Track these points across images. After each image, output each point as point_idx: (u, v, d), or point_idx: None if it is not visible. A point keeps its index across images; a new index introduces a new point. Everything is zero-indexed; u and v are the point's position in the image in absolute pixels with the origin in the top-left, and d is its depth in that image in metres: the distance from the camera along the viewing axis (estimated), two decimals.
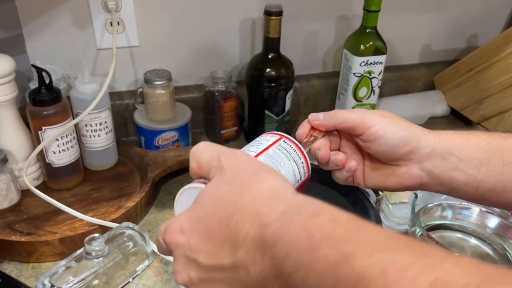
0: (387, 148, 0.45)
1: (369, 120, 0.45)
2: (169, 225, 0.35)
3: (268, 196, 0.32)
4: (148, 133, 0.79)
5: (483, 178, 0.43)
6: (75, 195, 0.71)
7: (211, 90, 0.84)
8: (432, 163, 0.45)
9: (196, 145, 0.38)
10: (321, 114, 0.48)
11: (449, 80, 1.00)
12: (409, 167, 0.46)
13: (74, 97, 0.71)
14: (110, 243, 0.59)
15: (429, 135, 0.45)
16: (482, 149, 0.44)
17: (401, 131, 0.45)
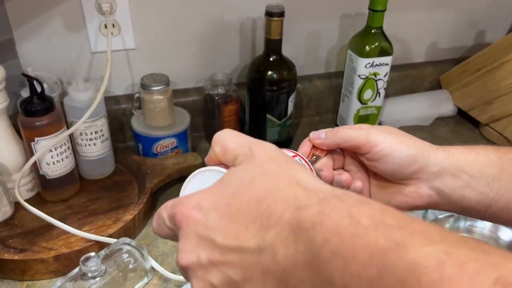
0: (394, 167, 0.42)
1: (374, 138, 0.43)
2: (181, 200, 0.31)
3: (304, 185, 0.29)
4: (146, 140, 0.76)
5: (496, 196, 0.41)
6: (71, 207, 0.69)
7: (210, 93, 0.81)
8: (442, 181, 0.42)
9: (220, 131, 0.35)
10: (323, 132, 0.46)
11: (457, 79, 0.96)
12: (417, 186, 0.43)
13: (68, 106, 0.68)
14: (107, 260, 0.57)
15: (437, 152, 0.43)
16: (493, 165, 0.42)
17: (408, 149, 0.42)
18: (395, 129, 0.45)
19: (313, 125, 0.96)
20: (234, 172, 0.32)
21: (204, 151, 0.86)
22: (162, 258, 0.63)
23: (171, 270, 0.61)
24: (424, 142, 0.44)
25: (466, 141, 0.91)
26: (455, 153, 0.42)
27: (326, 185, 0.30)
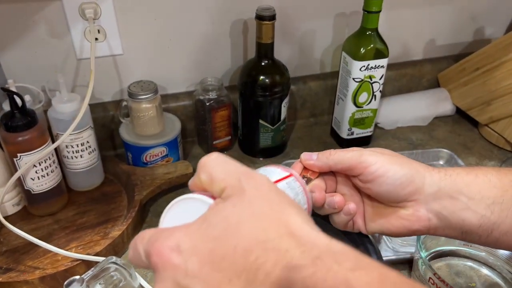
0: (389, 188, 0.41)
1: (366, 159, 0.41)
2: (159, 237, 0.29)
3: (297, 235, 0.27)
4: (135, 149, 0.74)
5: (498, 220, 0.39)
6: (58, 221, 0.67)
7: (201, 99, 0.79)
8: (440, 203, 0.40)
9: (208, 155, 0.33)
10: (315, 154, 0.44)
11: (455, 78, 0.94)
12: (415, 209, 0.41)
13: (52, 118, 0.66)
14: (94, 280, 0.55)
15: (433, 172, 0.41)
16: (493, 186, 0.40)
17: (403, 169, 0.41)
18: (388, 150, 0.43)
19: (308, 127, 0.94)
20: (219, 210, 0.29)
21: (197, 157, 0.84)
22: (152, 275, 0.61)
23: None
24: (418, 163, 0.42)
25: (465, 142, 0.89)
26: (452, 174, 0.41)
27: (320, 236, 0.28)
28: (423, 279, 0.51)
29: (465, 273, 0.58)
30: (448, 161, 0.81)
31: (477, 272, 0.57)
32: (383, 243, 0.65)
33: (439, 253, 0.59)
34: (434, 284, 0.49)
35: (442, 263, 0.59)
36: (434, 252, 0.59)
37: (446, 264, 0.58)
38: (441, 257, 0.59)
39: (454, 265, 0.58)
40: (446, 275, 0.57)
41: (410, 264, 0.62)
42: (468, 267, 0.58)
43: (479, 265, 0.58)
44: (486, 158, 0.85)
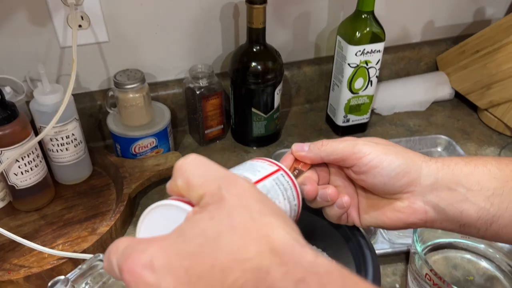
0: (384, 179, 0.39)
1: (360, 149, 0.39)
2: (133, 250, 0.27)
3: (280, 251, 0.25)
4: (123, 141, 0.72)
5: (497, 212, 0.37)
6: (45, 216, 0.65)
7: (191, 87, 0.76)
8: (437, 195, 0.39)
9: (185, 157, 0.30)
10: (306, 145, 0.42)
11: (454, 61, 0.91)
12: (410, 201, 0.39)
13: (34, 110, 0.63)
14: (82, 278, 0.53)
15: (430, 163, 0.39)
16: (493, 177, 0.38)
17: (398, 159, 0.39)
18: (383, 140, 0.41)
19: (303, 114, 0.91)
20: (197, 221, 0.27)
21: (189, 148, 0.82)
22: None
23: None
24: (415, 153, 0.40)
25: (464, 128, 0.86)
26: (450, 165, 0.39)
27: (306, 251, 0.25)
28: (419, 273, 0.50)
29: (462, 266, 0.56)
30: (446, 148, 0.79)
31: (475, 265, 0.56)
32: (379, 235, 0.63)
33: (436, 246, 0.57)
34: (430, 280, 0.47)
35: (439, 256, 0.57)
36: (431, 244, 0.57)
37: (444, 257, 0.57)
38: (438, 249, 0.57)
39: (452, 257, 0.57)
40: (443, 268, 0.56)
41: (407, 256, 0.60)
42: (466, 260, 0.56)
43: (477, 258, 0.56)
44: (485, 144, 0.82)
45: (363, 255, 0.43)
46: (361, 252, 0.44)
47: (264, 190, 0.37)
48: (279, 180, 0.39)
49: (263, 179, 0.38)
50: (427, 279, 0.48)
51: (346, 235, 0.47)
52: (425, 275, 0.48)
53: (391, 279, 0.58)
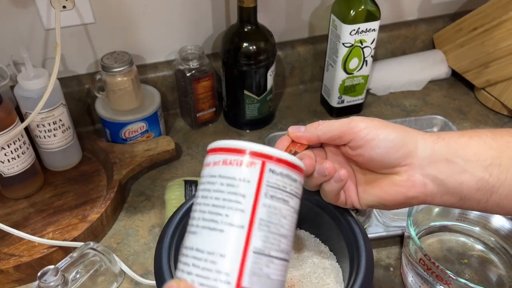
0: (381, 151, 0.39)
1: (357, 124, 0.39)
2: None
3: None
4: (112, 125, 0.70)
5: (497, 182, 0.37)
6: (34, 204, 0.64)
7: (181, 69, 0.74)
8: (435, 167, 0.38)
9: None
10: (302, 126, 0.42)
11: (451, 39, 0.89)
12: (409, 174, 0.39)
13: (19, 96, 0.61)
14: (72, 267, 0.53)
15: (425, 136, 0.39)
16: (489, 147, 0.38)
17: (394, 131, 0.39)
18: (378, 118, 0.41)
19: (297, 95, 0.89)
20: None
21: (180, 131, 0.80)
22: (134, 258, 0.59)
23: (143, 272, 0.57)
24: (410, 128, 0.40)
25: (460, 107, 0.85)
26: (445, 137, 0.39)
27: None
28: (413, 257, 0.49)
29: (457, 249, 0.55)
30: (442, 128, 0.78)
31: (470, 248, 0.55)
32: (373, 218, 0.62)
33: (431, 229, 0.57)
34: (424, 265, 0.47)
35: (433, 239, 0.56)
36: (426, 228, 0.56)
37: (438, 240, 0.56)
38: (433, 232, 0.57)
39: (446, 240, 0.56)
40: (438, 251, 0.55)
41: (401, 239, 0.60)
42: (461, 243, 0.56)
43: (472, 241, 0.56)
44: (482, 124, 0.81)
45: (356, 241, 0.42)
46: (354, 238, 0.43)
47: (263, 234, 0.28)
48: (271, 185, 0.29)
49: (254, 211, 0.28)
50: (421, 264, 0.47)
51: (338, 220, 0.46)
52: (419, 260, 0.48)
53: (385, 262, 0.57)
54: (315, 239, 0.50)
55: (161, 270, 0.41)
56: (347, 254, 0.43)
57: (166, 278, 0.40)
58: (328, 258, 0.47)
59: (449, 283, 0.45)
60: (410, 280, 0.51)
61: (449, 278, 0.44)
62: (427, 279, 0.48)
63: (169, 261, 0.42)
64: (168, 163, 0.73)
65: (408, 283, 0.52)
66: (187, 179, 0.65)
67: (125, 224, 0.64)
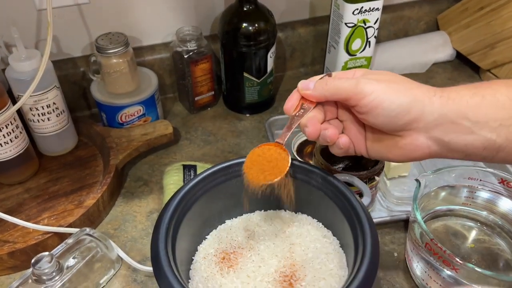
0: (384, 120, 0.39)
1: (362, 89, 0.38)
2: None
3: None
4: (108, 109, 0.68)
5: (504, 142, 0.36)
6: (29, 190, 0.63)
7: (178, 51, 0.72)
8: (441, 130, 0.38)
9: None
10: (312, 81, 0.42)
11: (456, 20, 0.86)
12: (413, 138, 0.39)
13: (10, 78, 0.59)
14: (68, 254, 0.51)
15: (434, 98, 0.38)
16: (501, 107, 0.36)
17: (399, 98, 0.38)
18: (389, 74, 0.40)
19: (298, 78, 0.86)
20: None
21: (178, 115, 0.78)
22: (131, 244, 0.58)
23: (141, 258, 0.56)
24: (419, 87, 0.39)
25: None
26: (456, 98, 0.37)
27: None
28: (419, 242, 0.48)
29: (463, 233, 0.54)
30: None
31: (476, 233, 0.54)
32: (376, 203, 0.61)
33: (436, 213, 0.55)
34: (431, 249, 0.45)
35: (439, 224, 0.55)
36: (431, 212, 0.55)
37: (443, 225, 0.55)
38: (438, 217, 0.55)
39: (452, 225, 0.55)
40: (443, 236, 0.54)
41: (405, 224, 0.58)
42: (467, 228, 0.54)
43: (478, 225, 0.54)
44: None
45: (361, 225, 0.41)
46: (359, 223, 0.41)
47: None
48: None
49: None
50: (428, 249, 0.46)
51: (342, 204, 0.44)
52: (425, 245, 0.46)
53: (389, 247, 0.56)
54: (317, 223, 0.48)
55: (158, 256, 0.39)
56: (352, 239, 0.42)
57: (163, 264, 0.38)
58: (331, 243, 0.46)
59: (457, 268, 0.44)
60: (415, 266, 0.50)
61: (457, 263, 0.43)
62: (433, 264, 0.46)
63: (166, 246, 0.40)
64: (166, 148, 0.71)
65: (413, 268, 0.51)
66: (185, 164, 0.63)
67: (122, 209, 0.62)
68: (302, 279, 0.42)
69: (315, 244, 0.46)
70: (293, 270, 0.43)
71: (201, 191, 0.47)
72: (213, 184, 0.48)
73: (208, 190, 0.47)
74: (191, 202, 0.46)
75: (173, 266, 0.38)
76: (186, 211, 0.45)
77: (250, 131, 0.75)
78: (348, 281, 0.36)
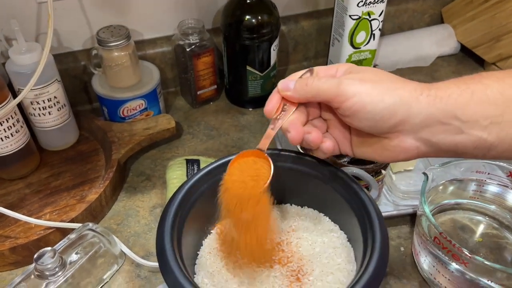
0: (368, 123, 0.37)
1: (344, 91, 0.37)
2: None
3: None
4: (110, 103, 0.68)
5: (495, 141, 0.35)
6: (30, 185, 0.62)
7: (180, 44, 0.71)
8: (429, 131, 0.36)
9: None
10: (292, 82, 0.40)
11: (461, 12, 0.85)
12: (400, 139, 0.37)
13: (11, 71, 0.58)
14: (70, 249, 0.51)
15: (421, 98, 0.36)
16: (492, 103, 0.35)
17: (383, 101, 0.36)
18: (374, 71, 0.39)
19: None
20: None
21: (181, 109, 0.78)
22: (134, 239, 0.57)
23: (144, 254, 0.55)
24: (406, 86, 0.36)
25: None
26: (443, 97, 0.35)
27: None
28: (427, 236, 0.47)
29: (470, 227, 0.53)
30: None
31: (484, 227, 0.53)
32: (382, 197, 0.60)
33: (443, 207, 0.55)
34: (440, 243, 0.45)
35: (446, 217, 0.54)
36: (439, 206, 0.54)
37: (450, 218, 0.54)
38: (445, 210, 0.55)
39: (459, 219, 0.54)
40: (450, 230, 0.53)
41: (412, 218, 0.57)
42: (475, 221, 0.54)
43: (486, 219, 0.54)
44: None
45: (370, 219, 0.40)
46: (368, 217, 0.41)
47: None
48: None
49: None
50: (436, 243, 0.45)
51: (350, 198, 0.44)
52: (433, 239, 0.46)
53: (395, 242, 0.55)
54: (324, 217, 0.48)
55: (164, 250, 0.39)
56: (360, 233, 0.41)
57: (169, 258, 0.38)
58: (338, 237, 0.45)
59: (465, 262, 0.43)
60: (423, 260, 0.49)
61: (466, 256, 0.42)
62: (441, 258, 0.46)
63: (172, 241, 0.39)
64: (169, 142, 0.71)
65: (420, 263, 0.50)
66: (188, 158, 0.62)
67: (125, 204, 0.61)
68: (309, 273, 0.42)
69: (322, 238, 0.45)
70: (300, 265, 0.43)
71: (206, 185, 0.46)
72: (218, 178, 0.47)
73: (213, 184, 0.46)
74: (196, 196, 0.45)
75: (179, 261, 0.38)
76: (191, 205, 0.44)
77: (253, 125, 0.74)
78: (358, 275, 0.36)
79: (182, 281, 0.36)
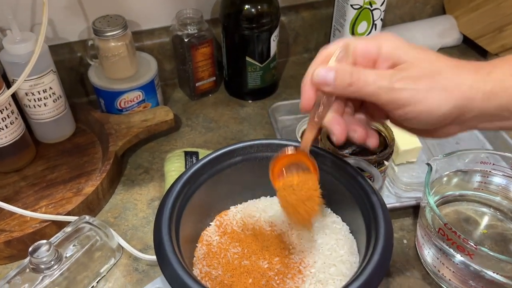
0: (421, 127, 0.36)
1: (397, 99, 0.33)
2: None
3: None
4: (107, 95, 0.66)
5: None
6: (26, 178, 0.61)
7: (179, 35, 0.69)
8: (477, 121, 0.35)
9: None
10: (330, 72, 0.34)
11: (463, 3, 0.84)
12: (447, 128, 0.36)
13: (5, 61, 0.57)
14: (67, 242, 0.49)
15: (477, 97, 0.33)
16: None
17: (440, 107, 0.33)
18: (429, 60, 0.34)
19: (301, 64, 0.85)
20: None
21: (179, 101, 0.76)
22: (132, 232, 0.56)
23: (142, 247, 0.54)
24: (464, 82, 0.33)
25: None
26: (499, 92, 0.33)
27: None
28: (431, 228, 0.46)
29: (475, 219, 0.52)
30: None
31: (489, 218, 0.52)
32: (385, 189, 0.59)
33: (447, 198, 0.53)
34: (444, 235, 0.44)
35: (450, 209, 0.53)
36: (443, 197, 0.53)
37: (454, 210, 0.53)
38: (449, 202, 0.53)
39: (463, 210, 0.53)
40: (454, 222, 0.52)
41: (414, 210, 0.56)
42: (479, 213, 0.53)
43: (490, 210, 0.53)
44: None
45: (374, 210, 0.39)
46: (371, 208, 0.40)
47: None
48: None
49: None
50: (440, 234, 0.44)
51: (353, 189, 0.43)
52: (438, 230, 0.45)
53: (398, 234, 0.54)
54: (326, 209, 0.46)
55: (162, 242, 0.38)
56: (363, 224, 0.40)
57: (167, 251, 0.37)
58: (341, 229, 0.44)
59: (471, 254, 0.42)
60: (427, 252, 0.48)
61: (471, 247, 0.41)
62: (445, 250, 0.45)
63: (170, 233, 0.38)
64: (167, 135, 0.69)
65: (424, 255, 0.49)
66: (187, 150, 0.61)
67: (122, 197, 0.60)
68: (311, 265, 0.41)
69: (324, 230, 0.44)
70: (301, 257, 0.42)
71: (204, 175, 0.45)
72: (217, 169, 0.46)
73: (212, 175, 0.45)
74: (194, 187, 0.44)
75: (177, 254, 0.36)
76: (189, 196, 0.43)
77: (253, 118, 0.73)
78: (362, 266, 0.35)
79: (180, 273, 0.35)
